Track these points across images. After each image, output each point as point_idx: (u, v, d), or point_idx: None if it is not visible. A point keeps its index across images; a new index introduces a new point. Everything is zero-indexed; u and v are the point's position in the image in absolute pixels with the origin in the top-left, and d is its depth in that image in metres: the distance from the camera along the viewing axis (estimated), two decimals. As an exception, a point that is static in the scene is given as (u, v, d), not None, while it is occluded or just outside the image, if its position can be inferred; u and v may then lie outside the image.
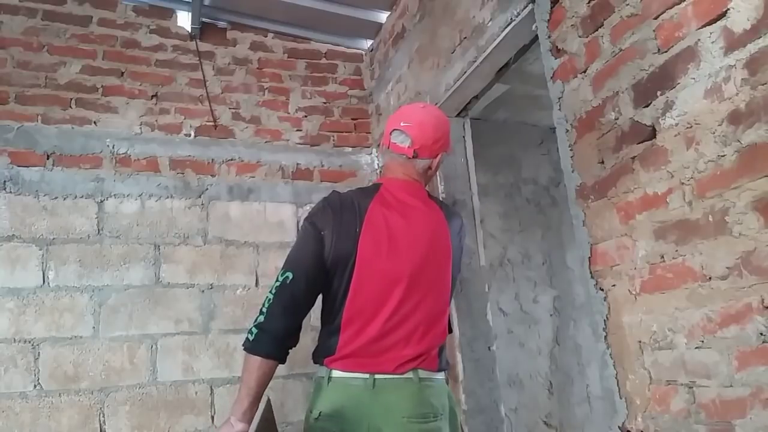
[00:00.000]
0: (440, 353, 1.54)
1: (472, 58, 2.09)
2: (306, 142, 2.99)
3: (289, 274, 1.46)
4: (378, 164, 3.02)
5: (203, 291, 2.58)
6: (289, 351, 1.48)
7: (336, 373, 1.45)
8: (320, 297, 1.54)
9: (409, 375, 1.45)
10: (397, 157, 1.62)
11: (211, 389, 2.47)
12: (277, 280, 1.47)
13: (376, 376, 1.42)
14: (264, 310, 1.45)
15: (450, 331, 1.64)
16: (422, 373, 1.46)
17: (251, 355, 1.42)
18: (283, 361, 1.46)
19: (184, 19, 2.88)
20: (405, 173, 1.61)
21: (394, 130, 1.62)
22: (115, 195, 2.55)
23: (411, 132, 1.58)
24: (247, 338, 1.44)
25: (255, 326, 1.44)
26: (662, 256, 1.25)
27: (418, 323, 1.49)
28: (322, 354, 1.51)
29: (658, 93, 1.26)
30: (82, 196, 2.49)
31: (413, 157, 1.58)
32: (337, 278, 1.49)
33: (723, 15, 1.12)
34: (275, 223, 2.74)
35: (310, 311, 1.51)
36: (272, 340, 1.43)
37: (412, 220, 1.55)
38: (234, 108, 2.89)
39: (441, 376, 1.54)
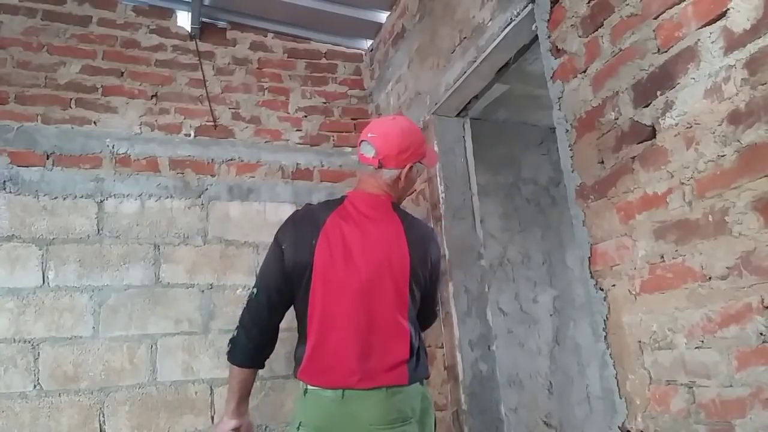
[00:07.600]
0: (411, 367, 1.51)
1: (472, 58, 2.09)
2: (306, 142, 2.98)
3: (254, 290, 1.58)
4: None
5: (203, 291, 2.58)
6: (267, 357, 1.61)
7: (309, 386, 1.50)
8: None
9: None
10: (365, 169, 1.65)
11: (211, 389, 2.47)
12: (249, 296, 1.60)
13: (345, 391, 1.45)
14: (238, 323, 1.58)
15: (415, 350, 1.56)
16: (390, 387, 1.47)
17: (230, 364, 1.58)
18: (260, 367, 1.60)
19: (183, 19, 2.88)
20: (373, 185, 1.63)
21: (362, 141, 1.64)
22: (114, 195, 2.54)
23: (375, 143, 1.61)
24: (227, 349, 1.58)
25: (230, 339, 1.58)
26: (662, 256, 1.25)
27: (376, 336, 1.50)
28: (295, 365, 1.56)
29: (658, 93, 1.26)
30: (81, 196, 2.49)
31: (379, 167, 1.60)
32: (299, 290, 1.54)
33: (723, 15, 1.12)
34: (275, 223, 2.69)
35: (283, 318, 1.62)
36: (245, 351, 1.56)
37: (367, 232, 1.56)
38: (234, 108, 2.89)
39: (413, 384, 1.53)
